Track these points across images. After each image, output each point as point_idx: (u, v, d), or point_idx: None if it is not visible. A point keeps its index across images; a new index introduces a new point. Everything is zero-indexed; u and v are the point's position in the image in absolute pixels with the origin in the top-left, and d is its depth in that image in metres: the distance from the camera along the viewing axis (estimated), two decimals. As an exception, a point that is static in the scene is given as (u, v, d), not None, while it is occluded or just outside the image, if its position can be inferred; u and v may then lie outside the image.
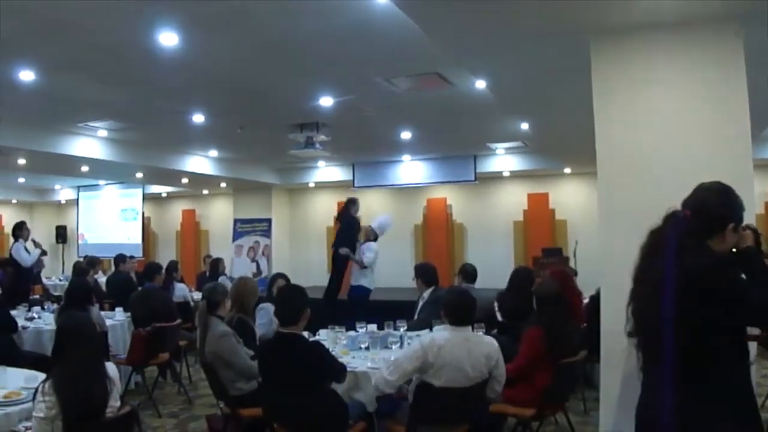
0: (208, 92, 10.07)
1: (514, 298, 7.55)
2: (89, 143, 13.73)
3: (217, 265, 14.47)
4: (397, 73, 8.97)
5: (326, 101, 10.46)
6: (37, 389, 4.16)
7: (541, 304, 6.28)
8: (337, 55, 8.13)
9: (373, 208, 19.69)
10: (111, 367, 4.46)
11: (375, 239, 12.60)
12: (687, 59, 5.60)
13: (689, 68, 5.58)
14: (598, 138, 5.88)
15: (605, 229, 5.74)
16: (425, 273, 8.33)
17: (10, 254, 12.54)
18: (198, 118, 11.83)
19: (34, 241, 12.95)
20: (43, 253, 13.19)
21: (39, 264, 13.09)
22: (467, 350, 5.19)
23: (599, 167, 5.84)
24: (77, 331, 4.38)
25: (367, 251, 12.32)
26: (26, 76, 8.79)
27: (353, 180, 18.66)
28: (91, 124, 12.58)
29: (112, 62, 8.39)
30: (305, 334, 5.66)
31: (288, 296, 5.56)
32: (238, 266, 18.69)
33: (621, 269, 4.43)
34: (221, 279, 12.69)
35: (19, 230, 12.62)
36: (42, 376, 4.76)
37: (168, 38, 7.36)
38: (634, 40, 5.77)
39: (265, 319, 7.61)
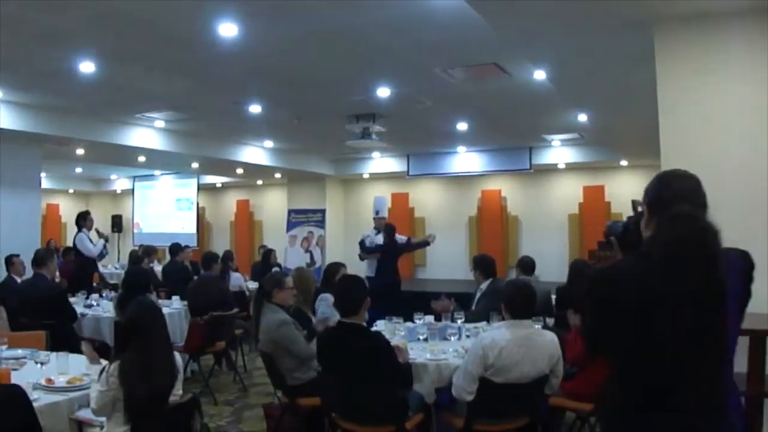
0: (265, 83, 10.10)
1: (574, 290, 7.48)
2: (146, 133, 13.92)
3: (268, 256, 14.55)
4: (455, 63, 8.90)
5: (383, 92, 10.43)
6: (104, 369, 4.20)
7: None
8: (395, 45, 8.09)
9: (426, 200, 19.75)
10: (176, 356, 4.50)
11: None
12: (756, 48, 5.48)
13: (759, 58, 5.46)
14: (662, 129, 5.79)
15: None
16: (484, 265, 8.26)
17: (74, 244, 12.59)
18: (254, 109, 11.89)
19: (97, 231, 13.04)
20: (106, 240, 13.27)
21: (103, 252, 13.15)
22: (528, 350, 5.14)
23: (663, 159, 5.75)
24: (150, 318, 4.40)
25: None
26: (87, 67, 8.92)
27: (407, 170, 18.67)
28: (149, 114, 12.75)
29: (171, 54, 8.47)
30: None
31: (348, 286, 5.57)
32: (291, 256, 18.73)
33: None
34: (274, 270, 12.72)
35: (83, 220, 12.56)
36: (103, 362, 4.81)
37: (227, 29, 7.38)
38: (701, 28, 5.67)
39: (328, 310, 7.61)
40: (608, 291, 2.66)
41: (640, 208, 2.96)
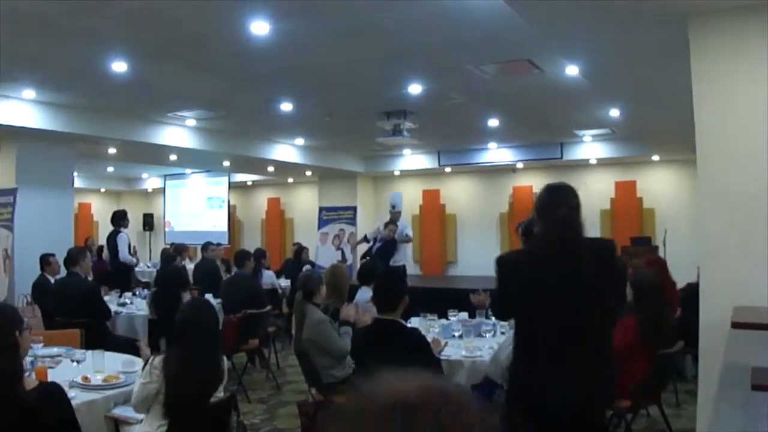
0: (297, 80, 10.09)
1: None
2: (178, 132, 13.97)
3: (300, 254, 14.56)
4: (487, 59, 8.85)
5: (415, 89, 10.40)
6: (147, 361, 4.22)
7: (639, 293, 6.11)
8: (427, 42, 8.05)
9: (458, 197, 19.72)
10: (224, 361, 4.52)
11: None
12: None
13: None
14: (697, 124, 5.72)
15: (705, 217, 5.57)
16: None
17: (115, 242, 12.64)
18: (286, 107, 11.88)
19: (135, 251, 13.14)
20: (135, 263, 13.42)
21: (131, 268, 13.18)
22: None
23: (699, 154, 5.68)
24: (205, 318, 4.42)
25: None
26: (119, 67, 8.94)
27: (438, 162, 18.70)
28: (180, 113, 12.79)
29: (203, 52, 8.49)
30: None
31: (387, 283, 5.54)
32: (323, 254, 18.71)
33: (721, 258, 4.27)
34: (306, 267, 12.73)
35: (122, 219, 12.68)
36: (138, 360, 4.82)
37: (259, 27, 7.38)
38: (737, 21, 5.59)
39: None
40: (508, 271, 3.96)
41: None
